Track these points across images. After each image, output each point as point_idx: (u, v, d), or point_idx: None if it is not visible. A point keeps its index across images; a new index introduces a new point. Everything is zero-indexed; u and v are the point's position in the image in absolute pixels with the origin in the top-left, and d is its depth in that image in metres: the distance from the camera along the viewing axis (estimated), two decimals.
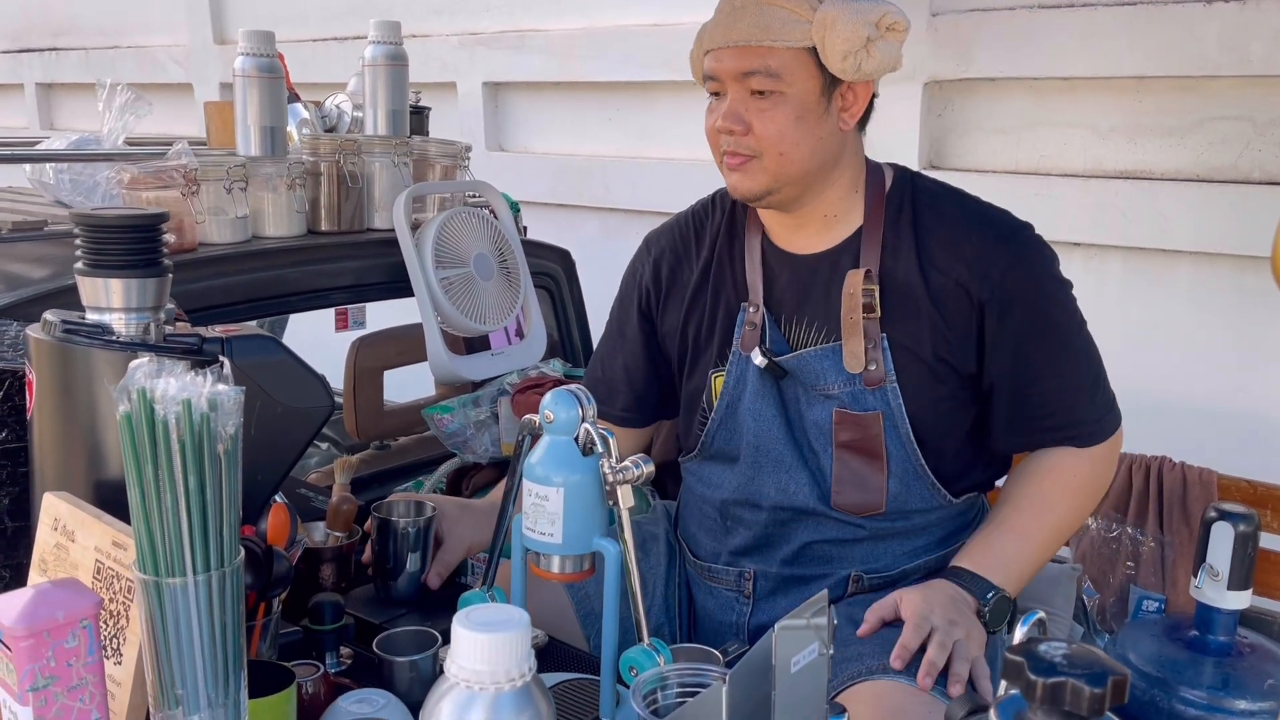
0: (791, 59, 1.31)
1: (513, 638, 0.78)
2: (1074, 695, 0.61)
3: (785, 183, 1.36)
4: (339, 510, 1.45)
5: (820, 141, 1.35)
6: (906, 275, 1.37)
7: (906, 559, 1.46)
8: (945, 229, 1.38)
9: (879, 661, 1.28)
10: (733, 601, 1.50)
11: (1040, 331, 1.37)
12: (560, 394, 1.12)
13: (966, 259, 1.36)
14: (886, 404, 1.38)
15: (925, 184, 1.45)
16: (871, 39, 1.29)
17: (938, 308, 1.36)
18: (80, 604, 0.83)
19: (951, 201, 1.43)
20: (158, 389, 0.81)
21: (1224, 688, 1.54)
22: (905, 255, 1.38)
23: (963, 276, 1.35)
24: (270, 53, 1.87)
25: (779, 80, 1.31)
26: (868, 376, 1.37)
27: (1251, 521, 1.58)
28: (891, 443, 1.39)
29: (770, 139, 1.33)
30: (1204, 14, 2.22)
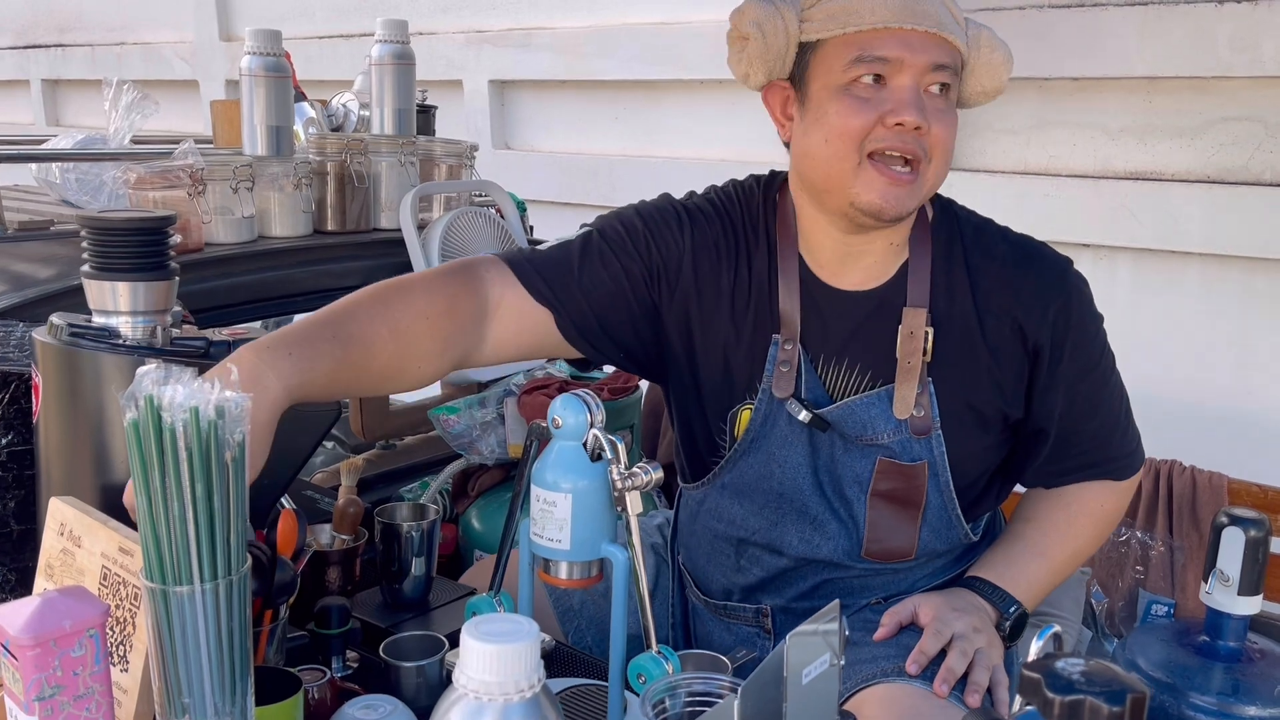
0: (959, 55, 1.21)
1: (522, 648, 0.78)
2: (1093, 713, 0.61)
3: (921, 201, 1.24)
4: (345, 513, 1.44)
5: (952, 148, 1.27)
6: (960, 315, 1.27)
7: (925, 582, 1.41)
8: (998, 268, 1.28)
9: (894, 664, 1.26)
10: (753, 637, 1.44)
11: (1085, 372, 1.33)
12: (569, 399, 1.11)
13: (1024, 302, 1.26)
14: (931, 453, 1.29)
15: (964, 214, 1.35)
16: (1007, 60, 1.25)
17: (993, 353, 1.27)
18: (87, 613, 0.82)
19: (997, 237, 1.32)
20: (165, 396, 0.80)
21: (1234, 693, 1.54)
22: (961, 296, 1.27)
23: (1018, 320, 1.27)
24: (277, 52, 1.87)
25: (954, 82, 1.20)
26: (914, 424, 1.27)
27: (1262, 527, 1.58)
28: (931, 492, 1.31)
29: (943, 145, 1.20)
30: (1215, 14, 2.20)
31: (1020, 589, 1.34)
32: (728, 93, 3.03)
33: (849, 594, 1.40)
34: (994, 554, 1.39)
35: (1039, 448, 1.36)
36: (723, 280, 1.32)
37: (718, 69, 2.94)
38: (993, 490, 1.43)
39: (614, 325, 1.32)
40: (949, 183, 2.59)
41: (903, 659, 1.25)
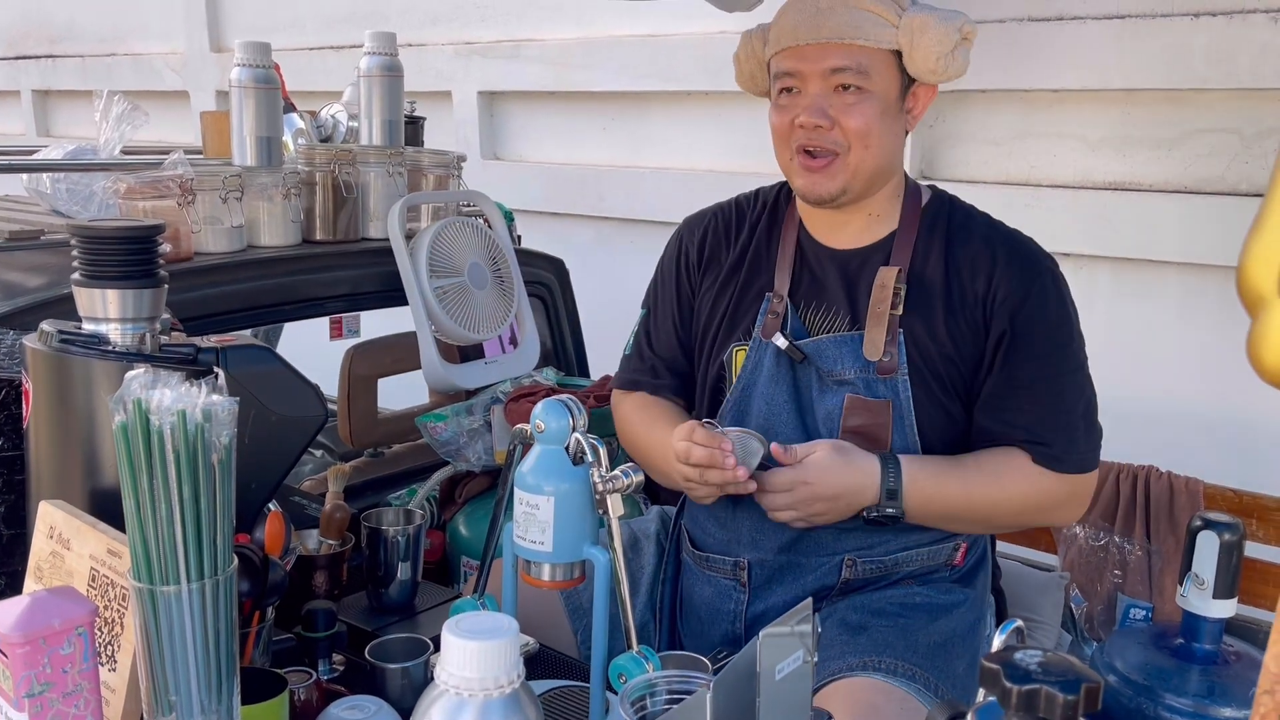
0: (880, 59, 1.39)
1: (501, 645, 0.80)
2: (1048, 702, 0.63)
3: (860, 180, 1.43)
4: (332, 518, 1.46)
5: (894, 139, 1.45)
6: (931, 277, 1.45)
7: (899, 548, 1.48)
8: (975, 243, 1.46)
9: (859, 659, 1.32)
10: (730, 590, 1.53)
11: (1036, 355, 1.43)
12: (551, 404, 1.13)
13: (988, 275, 1.43)
14: (896, 394, 1.43)
15: (961, 205, 1.53)
16: (956, 45, 1.38)
17: (952, 313, 1.44)
18: (76, 611, 0.84)
19: (984, 222, 1.51)
20: (153, 400, 0.82)
21: (1209, 695, 1.55)
22: (934, 260, 1.46)
23: (981, 291, 1.43)
24: (266, 64, 1.89)
25: (866, 77, 1.39)
26: (881, 365, 1.43)
27: (1236, 530, 1.59)
28: (896, 433, 1.44)
29: (857, 133, 1.40)
30: (1192, 27, 2.24)
31: (914, 500, 1.39)
32: (715, 104, 3.06)
33: (822, 547, 1.48)
34: (926, 461, 1.43)
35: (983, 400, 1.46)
36: (724, 256, 1.60)
37: (705, 80, 2.99)
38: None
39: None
40: None
41: (868, 655, 1.30)
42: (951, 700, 0.75)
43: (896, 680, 1.30)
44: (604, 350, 2.54)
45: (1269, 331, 0.53)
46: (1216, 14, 2.21)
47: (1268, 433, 2.26)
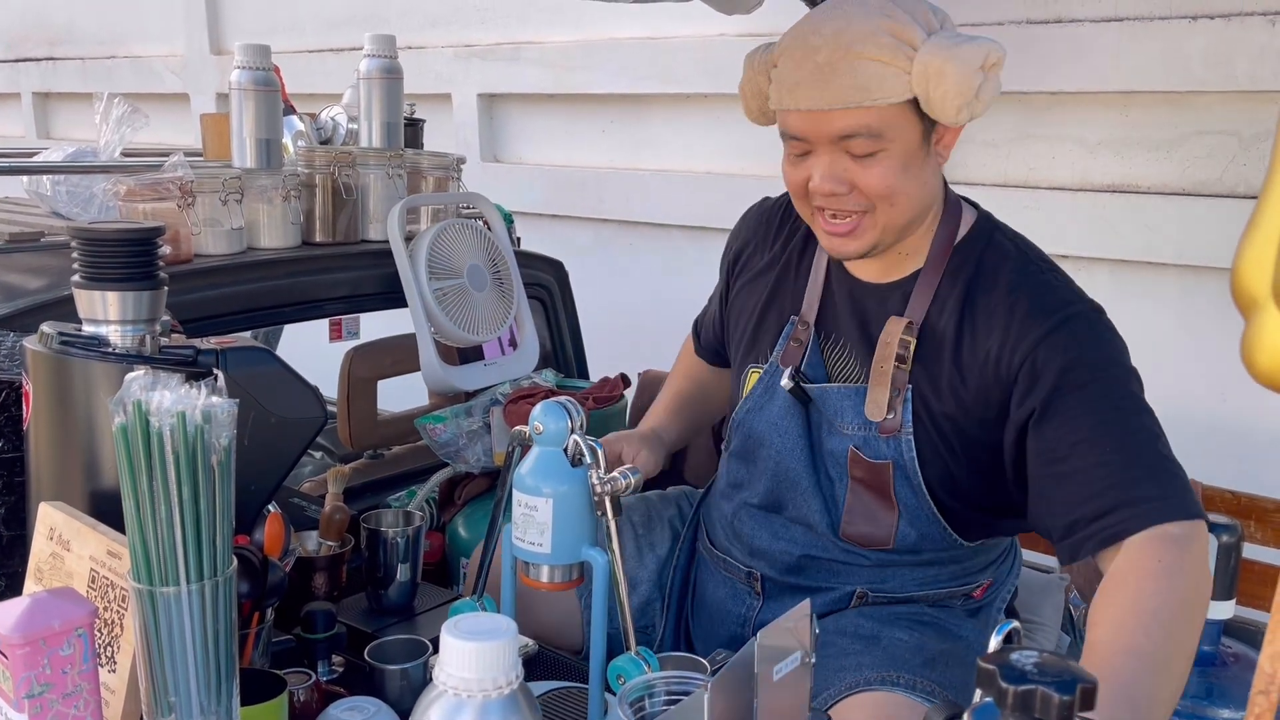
0: (893, 113, 1.23)
1: (500, 646, 0.80)
2: (1044, 702, 0.63)
3: (891, 234, 1.31)
4: (332, 520, 1.47)
5: (924, 185, 1.30)
6: (944, 329, 1.32)
7: (916, 586, 1.42)
8: (996, 293, 1.30)
9: (877, 673, 1.28)
10: (745, 594, 1.50)
11: (1073, 409, 1.21)
12: (549, 406, 1.13)
13: (1003, 327, 1.27)
14: (899, 454, 1.33)
15: (1000, 241, 1.36)
16: (981, 85, 1.21)
17: (962, 373, 1.30)
18: (75, 612, 0.84)
19: (1015, 266, 1.32)
20: (153, 401, 0.83)
21: (1208, 696, 1.56)
22: (950, 308, 1.32)
23: (995, 346, 1.27)
24: (266, 66, 1.89)
25: (881, 138, 1.24)
26: (884, 425, 1.33)
27: (1234, 532, 1.60)
28: (902, 490, 1.35)
29: (880, 193, 1.27)
30: (1189, 30, 2.25)
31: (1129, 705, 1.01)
32: (714, 106, 3.07)
33: (833, 576, 1.44)
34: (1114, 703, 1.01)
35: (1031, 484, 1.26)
36: (760, 260, 1.53)
37: (705, 83, 3.00)
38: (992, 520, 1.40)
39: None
40: None
41: (885, 668, 1.27)
42: (950, 701, 0.75)
43: (918, 696, 1.25)
44: (603, 352, 2.55)
45: (1262, 333, 0.53)
46: (1214, 16, 2.21)
47: (1266, 434, 2.26)
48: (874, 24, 1.22)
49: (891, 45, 1.21)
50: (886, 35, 1.21)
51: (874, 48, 1.21)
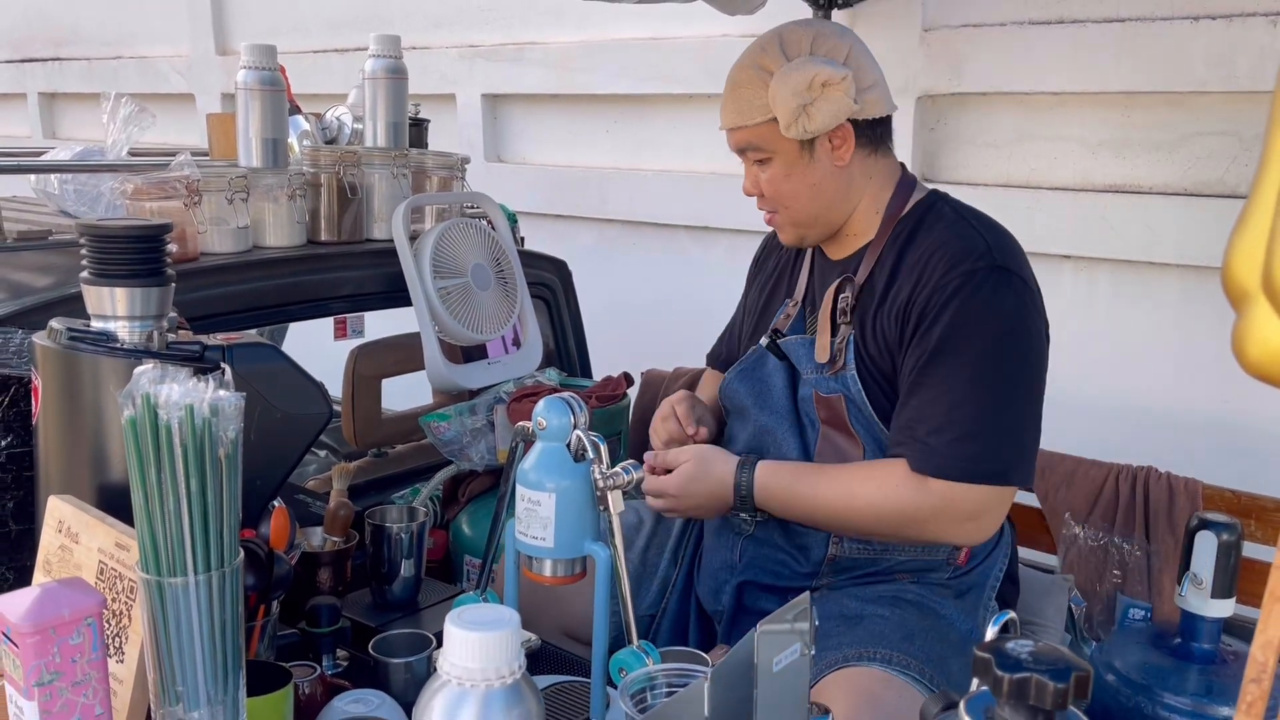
0: (765, 131, 1.48)
1: (503, 636, 0.81)
2: (1038, 690, 0.64)
3: (808, 227, 1.56)
4: (336, 515, 1.48)
5: (815, 187, 1.51)
6: (878, 283, 1.51)
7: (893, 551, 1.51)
8: (923, 247, 1.48)
9: (855, 650, 1.35)
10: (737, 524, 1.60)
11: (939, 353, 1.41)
12: (552, 402, 1.15)
13: (918, 275, 1.46)
14: (846, 388, 1.51)
15: (941, 208, 1.53)
16: (808, 103, 1.43)
17: (885, 316, 1.49)
18: (85, 602, 0.86)
19: (946, 225, 1.49)
20: (161, 394, 0.84)
21: (1207, 694, 1.57)
22: (886, 265, 1.51)
23: (909, 290, 1.46)
24: (272, 66, 1.90)
25: (762, 151, 1.51)
26: (831, 366, 1.53)
27: (1234, 531, 1.61)
28: (856, 422, 1.51)
29: (775, 197, 1.54)
30: (1191, 30, 2.25)
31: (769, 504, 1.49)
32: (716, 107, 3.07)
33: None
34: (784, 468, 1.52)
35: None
36: (769, 263, 1.76)
37: (707, 83, 3.00)
38: None
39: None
40: None
41: (865, 645, 1.33)
42: (945, 691, 0.76)
43: (894, 669, 1.32)
44: (606, 351, 2.56)
45: (1252, 325, 0.54)
46: (1216, 17, 2.22)
47: (1266, 434, 2.27)
48: (753, 54, 1.49)
49: (756, 73, 1.47)
50: (755, 65, 1.48)
51: (747, 75, 1.48)
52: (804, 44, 1.46)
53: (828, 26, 1.53)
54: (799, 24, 1.52)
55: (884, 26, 2.69)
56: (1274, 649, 0.59)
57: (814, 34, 1.48)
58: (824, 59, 1.44)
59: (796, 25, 1.52)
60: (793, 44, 1.47)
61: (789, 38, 1.48)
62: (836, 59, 1.45)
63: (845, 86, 1.43)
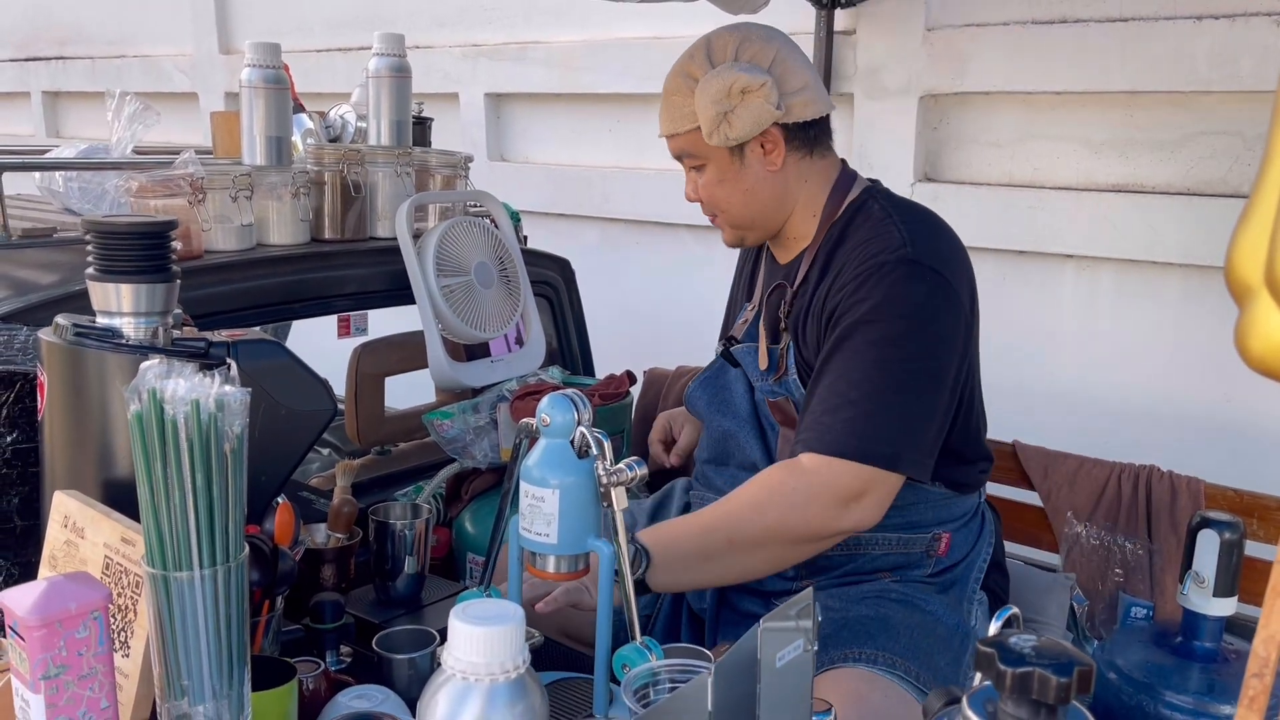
0: (695, 138, 1.50)
1: (507, 630, 0.81)
2: (1041, 685, 0.64)
3: (747, 229, 1.59)
4: (340, 512, 1.48)
5: (748, 192, 1.53)
6: (809, 287, 1.53)
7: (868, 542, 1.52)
8: (846, 248, 1.50)
9: (841, 651, 1.36)
10: None
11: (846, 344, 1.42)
12: (556, 398, 1.15)
13: (834, 277, 1.48)
14: (789, 390, 1.55)
15: (871, 206, 1.52)
16: (727, 110, 1.44)
17: (818, 316, 1.50)
18: (91, 596, 0.86)
19: (873, 224, 1.50)
20: (167, 389, 0.84)
21: (1209, 693, 1.57)
22: (818, 269, 1.53)
23: (825, 292, 1.48)
24: (276, 64, 1.91)
25: (696, 158, 1.53)
26: (775, 373, 1.56)
27: (1237, 529, 1.61)
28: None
29: (711, 201, 1.57)
30: (1194, 30, 2.25)
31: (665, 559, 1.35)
32: None
33: None
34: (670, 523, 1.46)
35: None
36: (741, 263, 1.79)
37: None
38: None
39: None
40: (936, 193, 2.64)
41: (850, 646, 1.35)
42: (947, 688, 0.76)
43: (879, 669, 1.33)
44: (609, 350, 2.56)
45: (1255, 320, 0.54)
46: (1219, 17, 2.22)
47: (1269, 433, 2.27)
48: (683, 61, 1.50)
49: (684, 81, 1.49)
50: (683, 73, 1.49)
51: (676, 84, 1.50)
52: (729, 50, 1.47)
53: (756, 30, 1.51)
54: (729, 29, 1.51)
55: (887, 26, 2.69)
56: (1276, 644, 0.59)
57: (740, 39, 1.47)
58: (747, 65, 1.45)
59: (726, 30, 1.50)
60: (719, 50, 1.47)
61: (716, 44, 1.48)
62: (760, 64, 1.45)
63: (765, 93, 1.43)
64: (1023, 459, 2.03)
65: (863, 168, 2.84)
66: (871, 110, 2.75)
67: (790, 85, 1.47)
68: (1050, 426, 2.28)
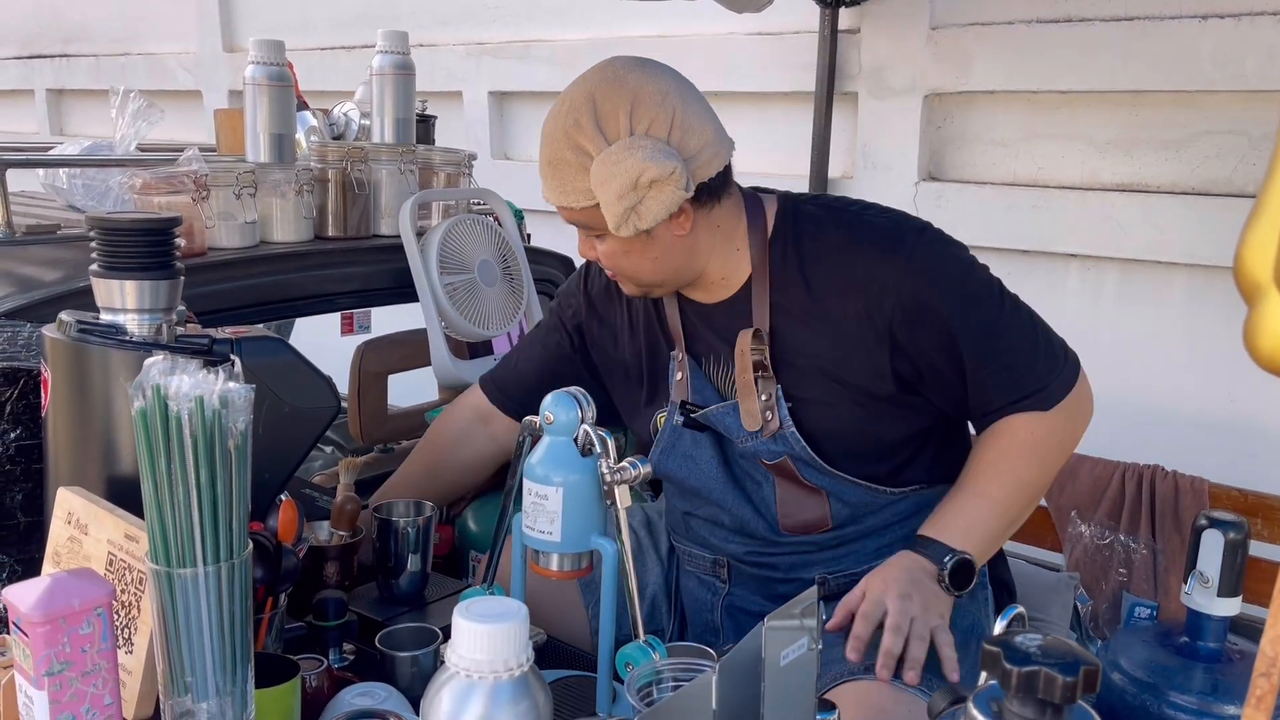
0: (593, 214, 1.33)
1: (511, 628, 0.81)
2: (1047, 684, 0.64)
3: (650, 287, 1.43)
4: (343, 509, 1.48)
5: (657, 260, 1.37)
6: (803, 313, 1.39)
7: (873, 556, 1.46)
8: (831, 256, 1.39)
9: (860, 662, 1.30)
10: (712, 581, 1.57)
11: (961, 324, 1.36)
12: (560, 396, 1.15)
13: (860, 281, 1.36)
14: (790, 447, 1.41)
15: (807, 211, 1.44)
16: (635, 204, 1.28)
17: (838, 336, 1.37)
18: (95, 592, 0.86)
19: (833, 224, 1.41)
20: (172, 386, 0.84)
21: (1213, 693, 1.57)
22: (798, 293, 1.39)
23: (860, 303, 1.36)
24: (280, 62, 1.90)
25: (592, 229, 1.37)
26: (765, 430, 1.41)
27: (1241, 529, 1.61)
28: (809, 474, 1.43)
29: (612, 266, 1.41)
30: (1199, 30, 2.25)
31: (958, 536, 1.34)
32: (722, 105, 3.06)
33: (789, 569, 1.50)
34: (938, 507, 1.40)
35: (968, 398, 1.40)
36: (619, 317, 1.58)
37: (714, 81, 3.00)
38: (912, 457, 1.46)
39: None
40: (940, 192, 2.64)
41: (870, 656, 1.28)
42: (952, 686, 0.76)
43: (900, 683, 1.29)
44: None
45: (1265, 319, 0.54)
46: (1224, 16, 2.22)
47: (1273, 433, 2.27)
48: (566, 128, 1.31)
49: (574, 156, 1.30)
50: (570, 148, 1.31)
51: (561, 156, 1.32)
52: (621, 119, 1.28)
53: (645, 88, 1.30)
54: (612, 87, 1.30)
55: (891, 25, 2.68)
56: None
57: (630, 102, 1.29)
58: (647, 142, 1.27)
59: (610, 90, 1.30)
60: (609, 119, 1.29)
61: (604, 109, 1.29)
62: (660, 134, 1.29)
63: (675, 179, 1.27)
64: None
65: (866, 167, 2.85)
66: (875, 109, 2.75)
67: (692, 148, 1.31)
68: None
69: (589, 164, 1.30)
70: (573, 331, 1.64)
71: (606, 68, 1.34)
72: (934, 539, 1.34)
